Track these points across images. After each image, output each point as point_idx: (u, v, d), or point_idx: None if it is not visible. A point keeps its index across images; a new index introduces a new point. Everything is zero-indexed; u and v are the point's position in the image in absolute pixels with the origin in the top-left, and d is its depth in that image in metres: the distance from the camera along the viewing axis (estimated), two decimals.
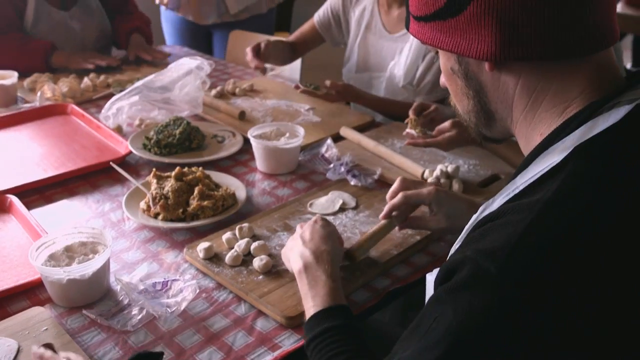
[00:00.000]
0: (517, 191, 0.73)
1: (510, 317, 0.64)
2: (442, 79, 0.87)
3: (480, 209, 0.77)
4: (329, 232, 1.11)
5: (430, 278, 0.83)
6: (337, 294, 1.00)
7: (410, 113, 1.62)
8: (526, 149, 0.81)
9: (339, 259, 1.09)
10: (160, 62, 2.48)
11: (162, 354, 0.58)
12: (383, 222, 1.22)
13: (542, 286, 0.64)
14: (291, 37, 2.30)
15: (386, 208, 1.21)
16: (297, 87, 1.96)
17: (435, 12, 0.78)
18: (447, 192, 1.22)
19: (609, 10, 0.75)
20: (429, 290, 0.84)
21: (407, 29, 0.86)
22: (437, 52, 0.86)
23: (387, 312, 1.79)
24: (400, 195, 1.20)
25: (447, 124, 1.51)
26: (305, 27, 2.25)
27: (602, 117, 0.71)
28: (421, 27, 0.82)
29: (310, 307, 0.98)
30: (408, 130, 1.58)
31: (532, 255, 0.65)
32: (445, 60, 0.84)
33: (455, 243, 0.79)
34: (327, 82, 1.89)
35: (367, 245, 1.18)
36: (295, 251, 1.09)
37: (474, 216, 0.77)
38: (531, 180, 0.72)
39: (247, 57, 2.10)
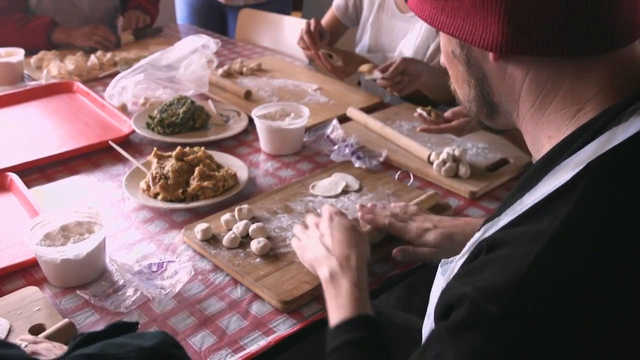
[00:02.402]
0: (525, 207, 0.65)
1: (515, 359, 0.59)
2: (442, 60, 0.81)
3: (484, 228, 0.70)
4: (351, 231, 1.05)
5: (441, 269, 0.78)
6: (362, 303, 0.94)
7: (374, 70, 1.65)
8: (533, 148, 0.74)
9: (365, 259, 1.03)
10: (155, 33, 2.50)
11: (137, 323, 0.56)
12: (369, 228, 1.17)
13: (549, 328, 0.58)
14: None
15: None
16: (316, 53, 1.90)
17: None
18: (433, 229, 1.11)
19: (635, 2, 0.67)
20: (438, 281, 0.79)
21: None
22: (437, 32, 0.80)
23: (391, 297, 1.77)
24: (386, 222, 1.15)
25: (463, 107, 1.46)
26: (326, 18, 2.20)
27: (622, 126, 0.63)
28: (421, 3, 0.74)
29: (335, 317, 0.93)
30: (419, 111, 1.52)
31: (536, 296, 0.58)
32: (445, 42, 0.77)
33: (457, 260, 0.73)
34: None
35: (377, 235, 1.15)
36: (319, 259, 1.03)
37: (476, 235, 0.71)
38: (539, 199, 0.64)
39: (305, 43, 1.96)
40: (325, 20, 2.19)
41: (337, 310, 0.93)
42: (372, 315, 0.93)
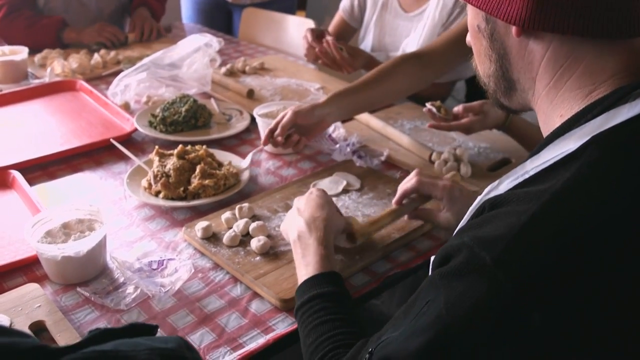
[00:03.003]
0: (526, 176, 0.67)
1: (500, 311, 0.60)
2: (468, 37, 0.83)
3: (486, 190, 0.72)
4: (325, 201, 1.09)
5: None
6: (328, 261, 0.99)
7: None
8: (544, 128, 0.76)
9: (334, 226, 1.07)
10: (161, 36, 2.49)
11: (156, 326, 0.57)
12: (392, 208, 1.19)
13: (538, 283, 0.59)
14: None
15: (398, 193, 1.18)
16: (327, 43, 1.89)
17: None
18: (462, 189, 1.16)
19: None
20: None
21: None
22: (465, 5, 0.81)
23: (394, 296, 1.77)
24: (414, 180, 1.17)
25: (476, 104, 1.47)
26: (334, 22, 2.19)
27: (629, 105, 0.65)
28: None
29: (303, 276, 0.98)
30: (429, 106, 1.52)
31: (531, 250, 0.60)
32: (472, 16, 0.79)
33: (458, 227, 0.75)
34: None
35: (371, 229, 1.15)
36: (292, 223, 1.08)
37: (478, 197, 0.72)
38: (543, 166, 0.66)
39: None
40: (333, 24, 2.18)
41: (304, 269, 0.98)
42: (338, 272, 0.97)
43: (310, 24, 2.43)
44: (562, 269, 0.59)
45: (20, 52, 2.02)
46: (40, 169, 1.48)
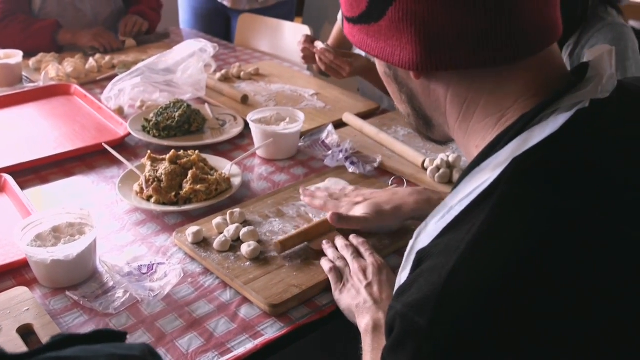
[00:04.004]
0: (453, 214, 0.66)
1: None
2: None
3: (415, 233, 0.70)
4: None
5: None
6: None
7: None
8: (467, 159, 0.76)
9: None
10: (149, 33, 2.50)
11: (125, 333, 0.56)
12: (323, 218, 1.20)
13: (471, 336, 0.58)
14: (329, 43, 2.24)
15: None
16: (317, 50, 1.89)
17: (360, 15, 0.74)
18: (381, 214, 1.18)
19: (547, 6, 0.68)
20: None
21: (342, 28, 0.83)
22: None
23: None
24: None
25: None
26: (334, 33, 2.18)
27: (539, 127, 0.64)
28: (351, 29, 0.78)
29: None
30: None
31: (456, 306, 0.59)
32: (377, 64, 0.81)
33: (398, 274, 0.73)
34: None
35: (296, 240, 1.16)
36: (362, 306, 1.00)
37: (411, 242, 0.71)
38: (465, 203, 0.65)
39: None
40: (332, 35, 2.17)
41: None
42: None
43: (306, 30, 2.43)
44: (490, 317, 0.58)
45: (14, 56, 2.02)
46: (33, 173, 1.48)
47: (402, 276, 0.70)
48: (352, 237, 1.16)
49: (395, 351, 0.63)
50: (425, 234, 0.68)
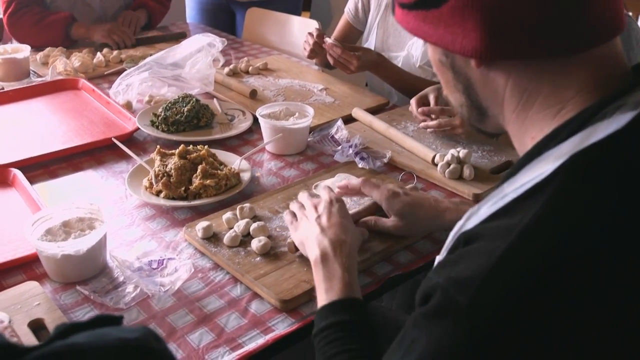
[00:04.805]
0: (506, 200, 0.66)
1: (479, 353, 0.60)
2: (434, 69, 0.82)
3: (466, 215, 0.70)
4: (348, 221, 1.07)
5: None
6: (352, 288, 0.96)
7: (414, 104, 1.60)
8: (519, 150, 0.75)
9: (357, 249, 1.05)
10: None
11: (121, 317, 0.56)
12: None
13: (512, 323, 0.59)
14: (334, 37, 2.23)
15: (338, 189, 1.22)
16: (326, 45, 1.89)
17: (418, 1, 0.72)
18: (402, 195, 1.17)
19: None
20: None
21: (393, 14, 0.81)
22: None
23: (394, 299, 1.76)
24: (360, 179, 1.21)
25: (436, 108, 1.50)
26: (339, 26, 2.18)
27: (604, 123, 0.64)
28: (405, 15, 0.76)
29: (323, 300, 0.95)
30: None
31: (502, 290, 0.59)
32: (432, 50, 0.78)
33: (439, 255, 0.74)
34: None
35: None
36: (311, 238, 1.04)
37: (458, 224, 0.71)
38: (520, 191, 0.65)
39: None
40: (338, 27, 2.17)
41: (326, 293, 0.95)
42: (361, 300, 0.95)
43: (315, 24, 2.43)
44: (532, 308, 0.59)
45: (22, 50, 2.02)
46: (42, 168, 1.48)
47: (443, 254, 0.71)
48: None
49: (430, 319, 0.63)
50: (476, 217, 0.68)
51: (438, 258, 0.73)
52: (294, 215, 1.14)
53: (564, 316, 0.58)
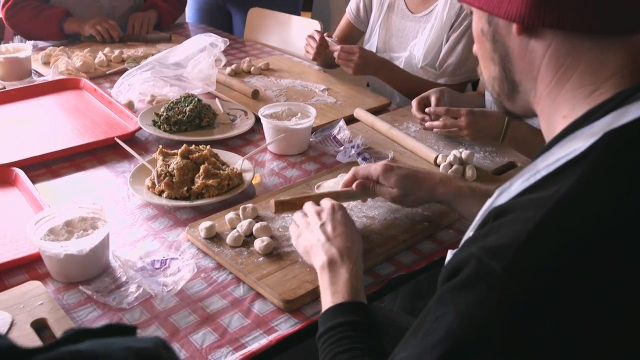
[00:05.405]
0: (538, 177, 0.66)
1: (512, 318, 0.59)
2: (475, 47, 0.83)
3: (496, 192, 0.71)
4: (354, 231, 1.07)
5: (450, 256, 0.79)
6: (358, 292, 0.96)
7: (414, 105, 1.59)
8: (547, 130, 0.76)
9: (362, 257, 1.04)
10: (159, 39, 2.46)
11: (136, 327, 0.56)
12: (329, 191, 1.23)
13: (548, 289, 0.59)
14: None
15: (351, 175, 1.23)
16: (328, 36, 1.91)
17: None
18: (397, 169, 1.19)
19: None
20: None
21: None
22: (471, 13, 0.81)
23: (395, 301, 1.76)
24: (350, 171, 1.23)
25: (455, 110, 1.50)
26: (340, 26, 2.18)
27: (637, 104, 0.64)
28: None
29: (329, 302, 0.94)
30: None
31: (539, 257, 0.60)
32: (477, 20, 0.79)
33: (466, 234, 0.74)
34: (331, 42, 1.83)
35: (295, 206, 1.17)
36: (317, 245, 1.03)
37: (489, 201, 0.71)
38: (553, 167, 0.66)
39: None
40: (339, 28, 2.17)
41: (332, 296, 0.95)
42: (366, 304, 0.95)
43: (316, 25, 2.43)
44: (569, 276, 0.59)
45: (24, 50, 2.01)
46: (44, 167, 1.48)
47: (471, 232, 0.72)
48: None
49: (460, 291, 0.63)
50: (507, 193, 0.69)
51: (466, 236, 0.73)
52: (294, 223, 1.14)
53: (603, 285, 0.59)
